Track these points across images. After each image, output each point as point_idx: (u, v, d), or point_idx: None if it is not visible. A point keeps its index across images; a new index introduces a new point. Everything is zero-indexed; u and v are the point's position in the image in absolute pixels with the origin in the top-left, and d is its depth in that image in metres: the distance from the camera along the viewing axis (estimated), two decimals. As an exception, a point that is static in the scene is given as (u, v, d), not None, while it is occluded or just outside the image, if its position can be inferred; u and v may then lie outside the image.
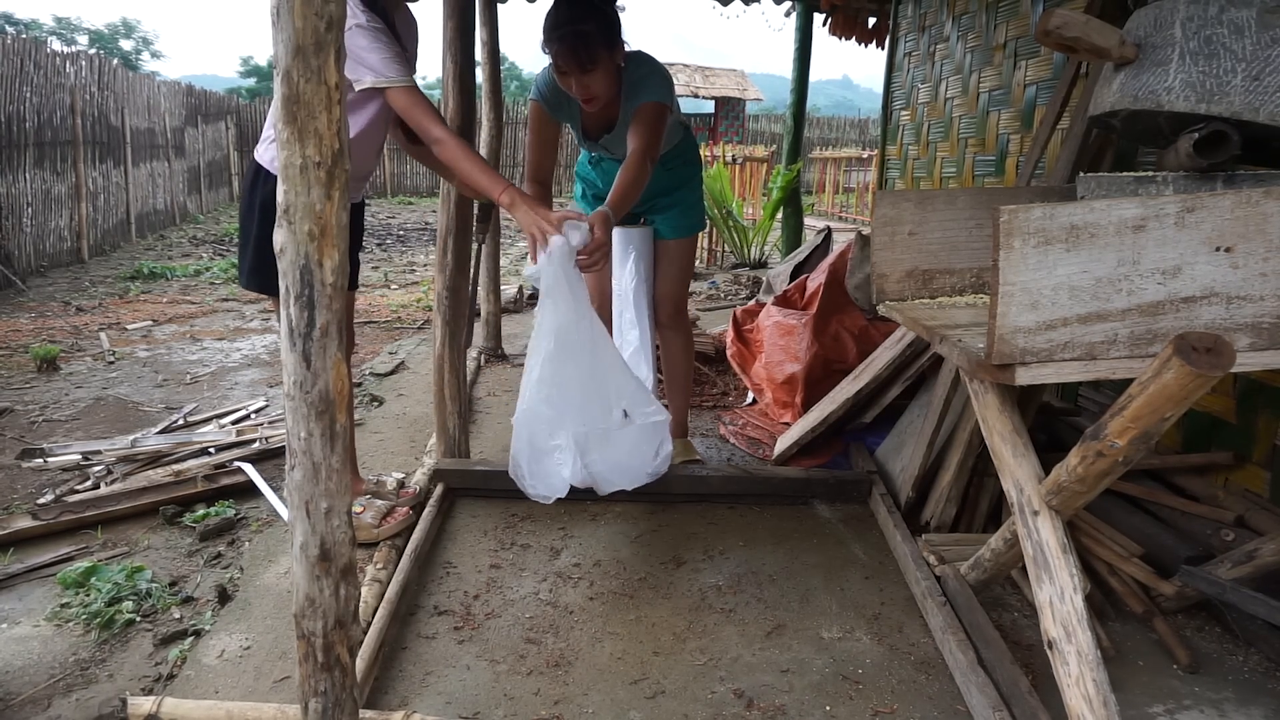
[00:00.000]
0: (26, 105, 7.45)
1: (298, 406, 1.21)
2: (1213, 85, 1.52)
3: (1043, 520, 1.59)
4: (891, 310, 2.00)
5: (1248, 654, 2.00)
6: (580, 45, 2.34)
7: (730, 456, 3.28)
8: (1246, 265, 1.40)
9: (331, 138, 1.15)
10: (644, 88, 2.51)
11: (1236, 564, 1.94)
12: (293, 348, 1.20)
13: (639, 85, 2.52)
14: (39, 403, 3.87)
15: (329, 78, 1.14)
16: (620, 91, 2.54)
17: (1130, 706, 1.78)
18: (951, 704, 1.81)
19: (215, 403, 3.93)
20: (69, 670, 1.93)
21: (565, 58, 2.36)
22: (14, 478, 3.00)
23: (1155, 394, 1.28)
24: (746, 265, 8.45)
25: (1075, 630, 1.49)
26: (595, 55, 2.36)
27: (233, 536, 2.60)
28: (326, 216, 1.17)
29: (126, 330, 5.47)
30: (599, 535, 2.55)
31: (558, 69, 2.42)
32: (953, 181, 4.15)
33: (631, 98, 2.53)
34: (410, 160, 18.34)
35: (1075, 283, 1.40)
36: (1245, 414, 2.30)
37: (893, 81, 4.96)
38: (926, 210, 1.99)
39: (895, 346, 2.90)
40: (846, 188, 14.75)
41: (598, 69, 2.38)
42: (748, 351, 4.04)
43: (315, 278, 1.18)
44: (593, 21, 2.35)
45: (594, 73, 2.39)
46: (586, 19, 2.34)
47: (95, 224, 8.85)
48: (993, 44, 3.79)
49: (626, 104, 2.55)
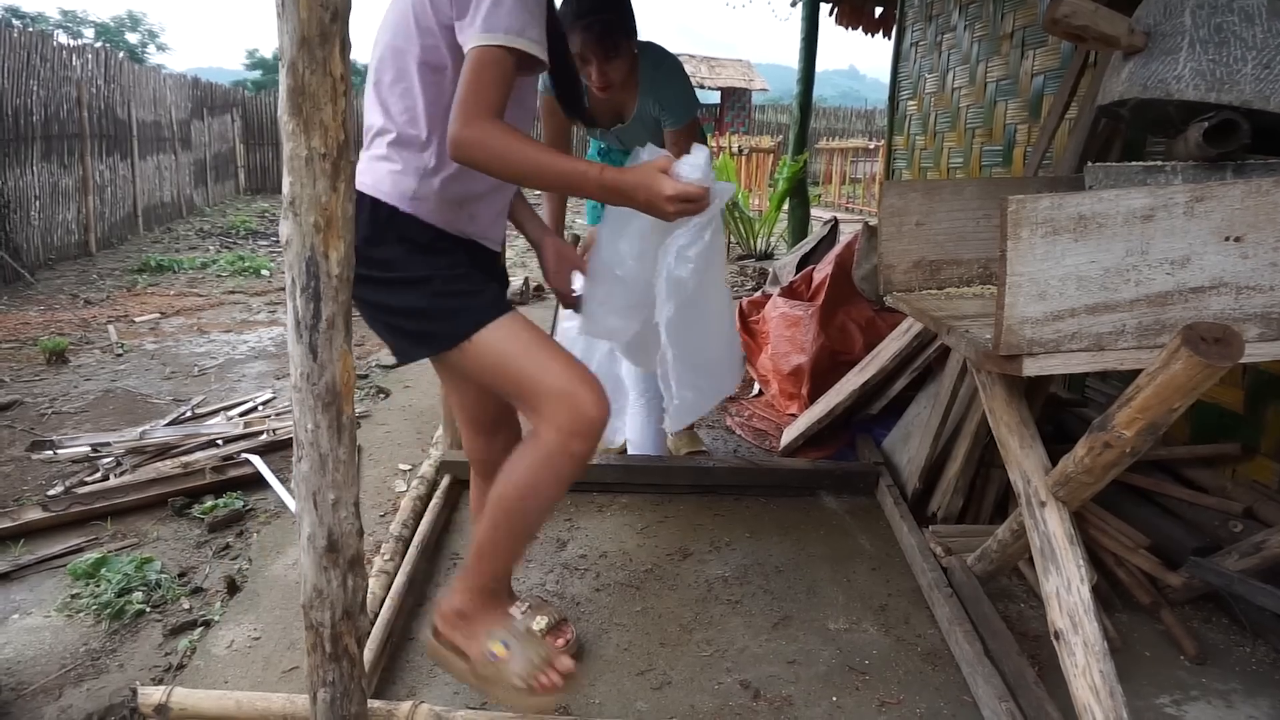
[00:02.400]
0: (33, 99, 7.46)
1: (305, 398, 1.22)
2: (1223, 74, 1.51)
3: (1050, 511, 1.58)
4: (898, 301, 2.00)
5: (1255, 645, 2.00)
6: (606, 34, 2.35)
7: (736, 448, 3.28)
8: (1256, 255, 1.39)
9: (337, 129, 1.15)
10: (668, 97, 2.55)
11: (1244, 555, 1.93)
12: (299, 339, 1.20)
13: (660, 88, 2.55)
14: (48, 395, 3.88)
15: (334, 69, 1.13)
16: (634, 82, 2.55)
17: (1137, 697, 1.78)
18: (958, 695, 1.81)
19: (223, 395, 3.94)
20: (80, 660, 1.95)
21: (591, 46, 2.38)
22: (24, 469, 3.02)
23: (1163, 385, 1.28)
24: (752, 257, 8.43)
25: (1082, 621, 1.48)
26: (618, 44, 2.39)
27: (241, 528, 2.61)
28: (332, 208, 1.17)
29: (134, 323, 5.49)
30: (605, 527, 2.56)
31: (579, 56, 2.43)
32: (960, 172, 4.13)
33: (649, 93, 2.56)
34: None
35: (1083, 273, 1.39)
36: (1254, 405, 2.29)
37: (899, 72, 4.94)
38: (934, 201, 1.99)
39: (902, 337, 2.89)
40: (853, 178, 14.68)
41: (619, 57, 2.41)
42: (754, 343, 4.03)
43: (321, 269, 1.18)
44: (615, 10, 2.37)
45: (615, 61, 2.41)
46: (609, 7, 2.36)
47: (102, 217, 8.87)
48: (1000, 33, 3.77)
49: (644, 98, 2.58)
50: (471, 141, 1.35)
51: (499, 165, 1.38)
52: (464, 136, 1.35)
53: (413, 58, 1.49)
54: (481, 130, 1.35)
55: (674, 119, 2.58)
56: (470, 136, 1.35)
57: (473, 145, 1.36)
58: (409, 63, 1.50)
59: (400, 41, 1.51)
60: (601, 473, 2.75)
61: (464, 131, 1.35)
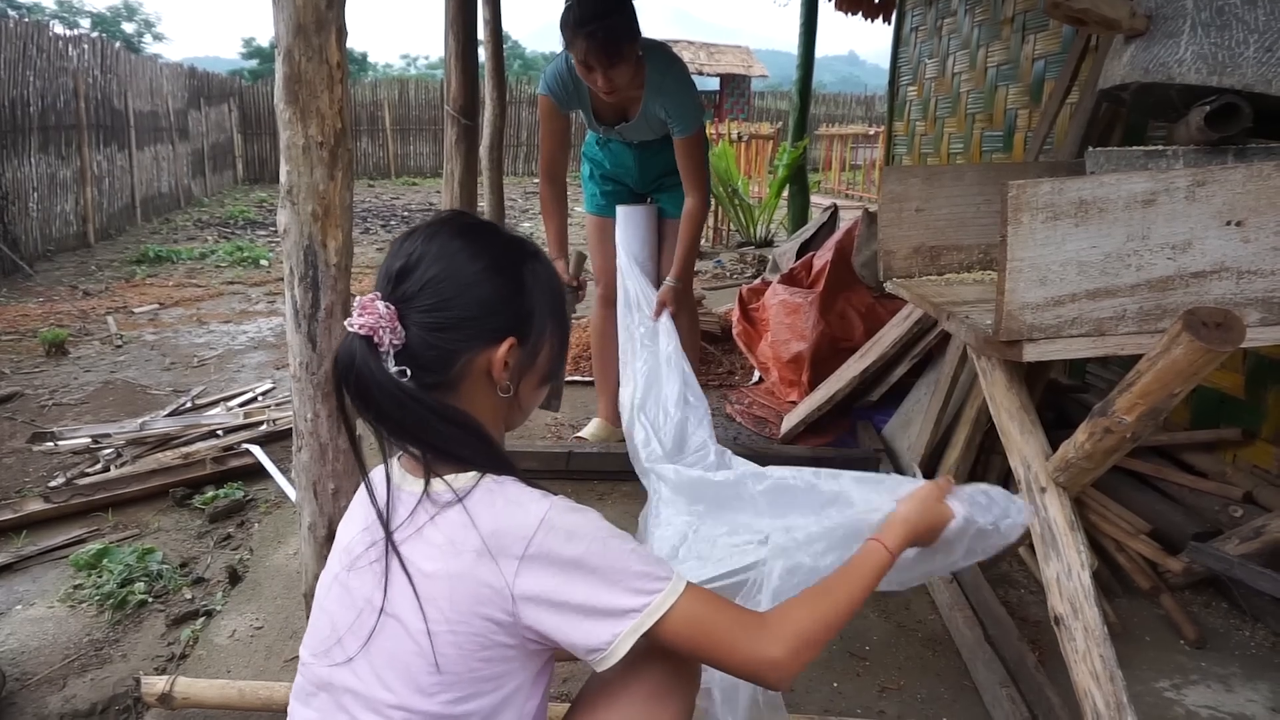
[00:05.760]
0: (30, 89, 7.43)
1: (304, 388, 1.22)
2: (1225, 57, 1.50)
3: (1050, 497, 1.58)
4: (899, 287, 1.99)
5: (1254, 629, 2.00)
6: (609, 41, 2.36)
7: (737, 436, 3.28)
8: (1258, 239, 1.39)
9: (334, 117, 1.14)
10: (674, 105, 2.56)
11: (1244, 540, 1.94)
12: (298, 329, 1.20)
13: (666, 95, 2.55)
14: (48, 387, 3.88)
15: (331, 56, 1.13)
16: (640, 82, 2.55)
17: (1137, 682, 1.79)
18: (959, 680, 1.81)
19: (223, 385, 3.94)
20: (83, 650, 1.95)
21: (594, 55, 2.38)
22: (25, 461, 3.02)
23: (1164, 370, 1.27)
24: (752, 244, 8.41)
25: (1082, 606, 1.49)
26: (621, 49, 2.39)
27: (242, 518, 2.62)
28: (330, 196, 1.16)
29: (134, 314, 5.49)
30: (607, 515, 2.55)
31: (583, 64, 2.42)
32: (960, 157, 4.12)
33: (655, 97, 2.57)
34: (414, 141, 18.05)
35: (1084, 258, 1.39)
36: (1254, 390, 2.29)
37: (900, 57, 4.91)
38: (934, 186, 1.98)
39: (902, 324, 2.89)
40: (853, 165, 14.64)
41: (624, 62, 2.41)
42: (754, 330, 4.03)
43: (320, 259, 1.17)
44: (617, 15, 2.37)
45: (619, 66, 2.41)
46: (611, 13, 2.35)
47: (101, 208, 8.85)
48: (1000, 18, 3.74)
49: (649, 100, 2.58)
50: (792, 664, 1.03)
51: (827, 635, 1.08)
52: (785, 660, 1.03)
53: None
54: (786, 647, 1.03)
55: (682, 127, 2.59)
56: (787, 660, 1.03)
57: (795, 663, 1.03)
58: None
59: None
60: (603, 461, 2.75)
61: (781, 655, 1.02)
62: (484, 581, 0.93)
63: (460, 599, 0.93)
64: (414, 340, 0.98)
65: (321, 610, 1.03)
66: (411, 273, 0.99)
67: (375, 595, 0.96)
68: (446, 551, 0.95)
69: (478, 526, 0.95)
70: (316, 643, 1.02)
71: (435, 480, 0.98)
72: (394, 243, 1.05)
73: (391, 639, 0.95)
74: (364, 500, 1.03)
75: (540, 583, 0.94)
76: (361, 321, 0.95)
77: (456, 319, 0.99)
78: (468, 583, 0.93)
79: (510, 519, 0.96)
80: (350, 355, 0.96)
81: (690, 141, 2.62)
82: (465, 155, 3.20)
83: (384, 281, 1.01)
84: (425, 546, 0.96)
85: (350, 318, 0.97)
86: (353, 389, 0.96)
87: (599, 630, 0.95)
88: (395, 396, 0.96)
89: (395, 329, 0.96)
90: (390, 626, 0.95)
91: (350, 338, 0.97)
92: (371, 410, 0.97)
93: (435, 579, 0.94)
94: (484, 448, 1.01)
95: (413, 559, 0.96)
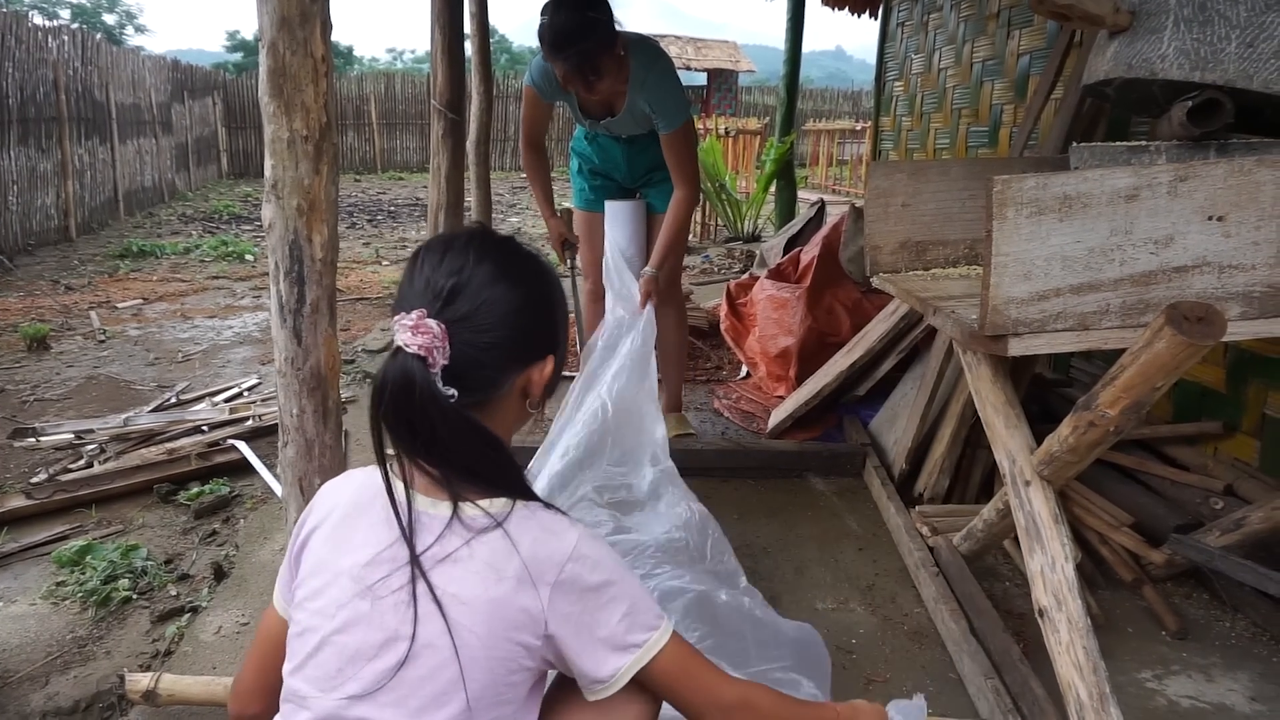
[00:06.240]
0: (9, 81, 7.34)
1: (289, 383, 1.21)
2: (1207, 53, 1.51)
3: (1034, 490, 1.60)
4: (885, 282, 2.00)
5: (1235, 620, 2.02)
6: (586, 64, 2.35)
7: (724, 430, 3.29)
8: (1239, 234, 1.40)
9: (319, 111, 1.14)
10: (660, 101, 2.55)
11: (1225, 532, 1.96)
12: (283, 324, 1.19)
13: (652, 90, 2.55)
14: (30, 382, 3.85)
15: (315, 50, 1.12)
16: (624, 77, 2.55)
17: (1120, 672, 1.81)
18: (944, 672, 1.83)
19: (208, 380, 3.91)
20: (67, 648, 1.94)
21: (572, 77, 2.39)
22: (6, 457, 2.99)
23: (1147, 364, 1.29)
24: (740, 239, 8.42)
25: (1066, 599, 1.50)
26: (599, 67, 2.38)
27: (227, 514, 2.60)
28: (315, 191, 1.16)
29: (117, 309, 5.44)
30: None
31: (563, 79, 2.43)
32: (946, 152, 4.13)
33: (640, 92, 2.56)
34: (401, 135, 17.97)
35: (1068, 253, 1.40)
36: (1235, 383, 2.31)
37: (886, 52, 4.92)
38: (920, 181, 1.99)
39: (889, 319, 2.90)
40: (840, 160, 14.67)
41: (604, 76, 2.41)
42: (741, 325, 4.04)
43: (305, 253, 1.17)
44: (593, 35, 2.34)
45: (600, 80, 2.41)
46: (586, 33, 2.32)
47: (83, 202, 8.76)
48: (986, 13, 3.76)
49: (634, 95, 2.58)
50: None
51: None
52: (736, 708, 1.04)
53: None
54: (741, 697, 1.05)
55: (667, 123, 2.59)
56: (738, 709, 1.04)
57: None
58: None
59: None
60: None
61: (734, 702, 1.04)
62: (522, 607, 0.93)
63: (497, 624, 0.92)
64: (461, 360, 0.94)
65: (325, 642, 0.95)
66: (462, 292, 0.96)
67: (404, 625, 0.92)
68: (487, 577, 0.93)
69: (520, 551, 0.94)
70: (322, 676, 0.94)
71: (465, 504, 0.95)
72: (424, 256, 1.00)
73: (422, 669, 0.92)
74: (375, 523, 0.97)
75: (569, 608, 0.95)
76: (420, 342, 0.91)
77: (509, 339, 0.98)
78: (507, 608, 0.93)
79: (546, 545, 0.96)
80: (408, 376, 0.91)
81: (676, 136, 2.61)
82: (452, 150, 3.19)
83: (429, 299, 0.95)
84: (460, 572, 0.93)
85: (402, 336, 0.91)
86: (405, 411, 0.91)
87: (610, 660, 0.97)
88: (452, 420, 0.93)
89: (445, 349, 0.93)
90: (423, 656, 0.91)
91: (404, 358, 0.91)
92: (422, 434, 0.92)
93: (473, 605, 0.92)
94: (514, 472, 1.00)
95: (444, 586, 0.92)
